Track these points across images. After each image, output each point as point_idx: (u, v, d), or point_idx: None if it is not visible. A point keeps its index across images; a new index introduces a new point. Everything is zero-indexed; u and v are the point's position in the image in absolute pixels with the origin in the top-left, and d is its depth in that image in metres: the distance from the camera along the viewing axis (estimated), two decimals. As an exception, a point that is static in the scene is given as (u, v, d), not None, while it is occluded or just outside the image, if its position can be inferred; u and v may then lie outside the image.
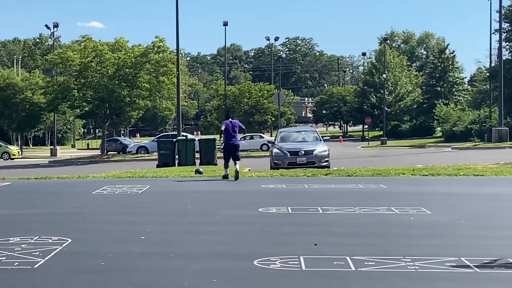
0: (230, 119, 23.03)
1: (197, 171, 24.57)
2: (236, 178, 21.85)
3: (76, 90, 56.85)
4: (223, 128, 22.76)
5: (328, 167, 27.94)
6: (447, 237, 10.90)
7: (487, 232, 11.33)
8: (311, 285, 7.87)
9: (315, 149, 28.64)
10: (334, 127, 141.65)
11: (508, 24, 59.37)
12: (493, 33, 63.64)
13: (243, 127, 23.74)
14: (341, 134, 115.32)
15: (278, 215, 13.76)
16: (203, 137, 46.86)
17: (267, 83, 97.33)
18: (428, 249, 9.78)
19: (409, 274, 8.26)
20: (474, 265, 8.61)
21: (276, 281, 8.11)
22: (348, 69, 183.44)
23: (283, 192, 18.25)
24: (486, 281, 7.95)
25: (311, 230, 11.72)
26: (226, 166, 22.68)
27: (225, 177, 22.43)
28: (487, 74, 72.12)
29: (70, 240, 10.84)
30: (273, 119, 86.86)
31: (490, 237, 10.81)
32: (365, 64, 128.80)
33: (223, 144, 23.19)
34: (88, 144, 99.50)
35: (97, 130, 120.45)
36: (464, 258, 8.99)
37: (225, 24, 75.27)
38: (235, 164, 22.39)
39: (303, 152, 28.49)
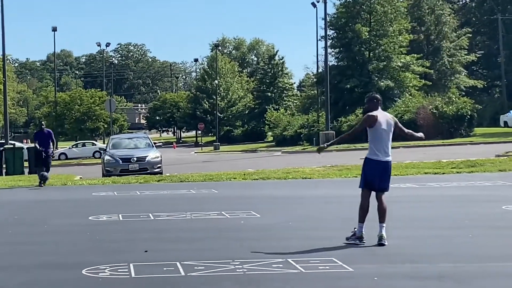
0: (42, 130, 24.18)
1: (42, 176, 23.39)
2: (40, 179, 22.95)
3: None
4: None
5: (161, 173, 27.89)
6: (275, 239, 11.15)
7: (313, 233, 11.68)
8: (141, 292, 7.83)
9: (147, 156, 28.51)
10: (168, 133, 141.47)
11: (333, 31, 61.59)
12: (319, 40, 65.91)
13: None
14: (175, 140, 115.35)
15: (108, 223, 13.58)
16: (32, 145, 45.44)
17: (99, 90, 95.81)
18: (257, 251, 9.96)
19: (237, 277, 8.38)
20: (300, 266, 8.85)
21: (105, 290, 8.00)
22: (181, 75, 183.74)
23: (115, 200, 18.03)
24: (311, 280, 8.20)
25: (142, 236, 11.66)
26: (39, 172, 23.40)
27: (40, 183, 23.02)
28: (314, 79, 74.49)
29: None
30: (105, 126, 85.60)
31: (316, 238, 11.14)
32: (198, 70, 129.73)
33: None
34: None
35: None
36: (291, 259, 9.22)
37: (54, 29, 73.53)
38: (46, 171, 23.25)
39: (135, 158, 28.28)
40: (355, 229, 10.49)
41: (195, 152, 68.93)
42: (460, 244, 10.36)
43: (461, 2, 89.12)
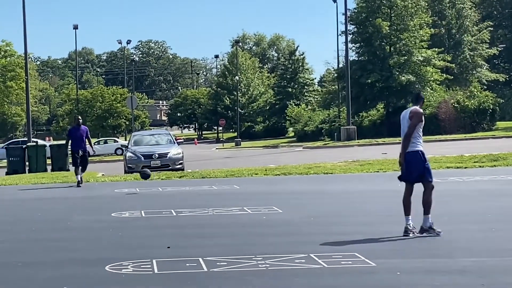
0: (79, 125, 22.51)
1: (144, 174, 21.42)
2: (78, 185, 21.61)
3: None
4: (69, 135, 22.75)
5: (183, 169, 27.98)
6: (297, 235, 11.18)
7: (335, 228, 11.68)
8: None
9: (169, 152, 28.61)
10: (189, 130, 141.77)
11: (353, 26, 61.35)
12: (340, 35, 65.74)
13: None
14: (196, 136, 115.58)
15: (131, 219, 13.66)
16: (55, 142, 45.73)
17: (120, 87, 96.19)
18: (279, 247, 9.99)
19: (260, 272, 8.41)
20: (322, 261, 8.86)
21: (128, 286, 8.06)
22: (201, 71, 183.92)
23: (137, 196, 18.13)
24: (334, 275, 8.21)
25: (164, 233, 11.72)
26: (76, 172, 22.03)
27: (79, 183, 21.76)
28: (335, 75, 74.22)
29: None
30: (127, 122, 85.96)
31: (338, 233, 11.14)
32: (218, 66, 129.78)
33: (71, 151, 22.84)
34: None
35: None
36: (313, 255, 9.24)
37: (75, 27, 73.76)
38: (81, 172, 22.21)
39: (157, 155, 28.40)
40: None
41: (217, 148, 69.05)
42: (482, 239, 10.32)
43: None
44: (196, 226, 12.49)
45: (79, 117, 23.25)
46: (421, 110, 10.95)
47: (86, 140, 22.26)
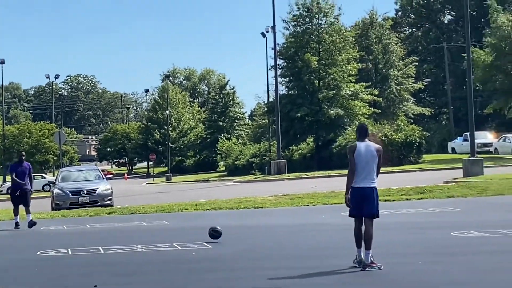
0: (22, 162, 20.32)
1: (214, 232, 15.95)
2: (16, 226, 19.56)
3: None
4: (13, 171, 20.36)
5: (112, 205, 27.65)
6: (227, 270, 11.12)
7: (264, 263, 11.67)
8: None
9: (97, 188, 28.25)
10: (119, 165, 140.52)
11: (283, 61, 61.97)
12: (270, 69, 66.21)
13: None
14: (127, 171, 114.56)
15: (57, 257, 13.40)
16: None
17: (48, 122, 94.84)
18: (208, 283, 9.93)
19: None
20: (251, 297, 8.84)
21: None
22: (131, 106, 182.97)
23: (64, 234, 17.82)
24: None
25: (91, 271, 11.53)
26: (15, 212, 20.05)
27: (17, 224, 19.72)
28: (265, 109, 74.68)
29: None
30: (55, 158, 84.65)
31: (268, 268, 11.13)
32: (149, 100, 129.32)
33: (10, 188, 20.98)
34: None
35: None
36: (242, 290, 9.21)
37: (2, 62, 72.67)
38: (26, 211, 19.91)
39: (85, 191, 28.02)
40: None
41: (147, 183, 68.50)
42: (410, 272, 10.45)
43: (407, 31, 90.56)
44: (124, 263, 12.32)
45: (23, 153, 21.34)
46: (350, 146, 11.08)
47: (28, 178, 20.22)
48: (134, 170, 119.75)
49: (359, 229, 10.82)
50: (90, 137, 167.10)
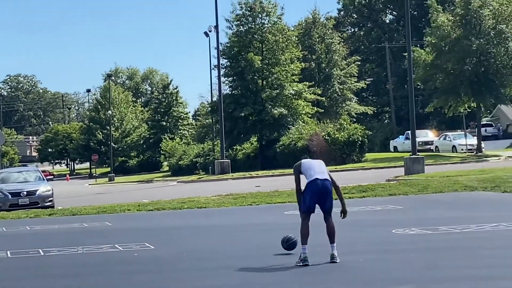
0: None
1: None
2: None
3: None
4: None
5: (53, 207, 27.26)
6: (169, 272, 11.05)
7: (207, 264, 11.63)
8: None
9: (38, 189, 27.83)
10: (61, 166, 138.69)
11: (226, 60, 61.91)
12: (213, 69, 66.08)
13: None
14: (68, 172, 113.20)
15: (-4, 260, 13.15)
16: None
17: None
18: (150, 284, 9.87)
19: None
20: (193, 297, 8.79)
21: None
22: (73, 106, 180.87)
23: (3, 236, 17.52)
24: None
25: (30, 274, 11.35)
26: None
27: None
28: (209, 108, 74.57)
29: None
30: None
31: (210, 268, 11.10)
32: (91, 100, 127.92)
33: None
34: None
35: None
36: (184, 291, 9.15)
37: None
38: None
39: (25, 192, 27.58)
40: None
41: (89, 184, 67.81)
42: (352, 269, 10.53)
43: (350, 31, 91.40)
44: (65, 265, 12.16)
45: None
46: (297, 164, 11.41)
47: None
48: (76, 171, 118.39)
49: (306, 226, 11.02)
50: (31, 137, 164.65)
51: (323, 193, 11.06)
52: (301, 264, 10.71)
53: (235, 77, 61.61)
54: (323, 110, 63.74)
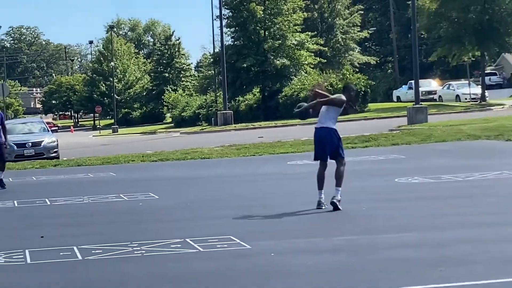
0: None
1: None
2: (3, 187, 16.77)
3: None
4: None
5: (58, 158, 27.46)
6: (173, 221, 11.19)
7: (212, 213, 11.77)
8: (36, 278, 7.72)
9: (43, 140, 28.02)
10: (65, 117, 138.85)
11: (228, 11, 61.52)
12: (215, 19, 65.66)
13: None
14: (72, 124, 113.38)
15: (3, 210, 13.31)
16: None
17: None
18: (155, 233, 9.98)
19: (135, 259, 8.38)
20: (198, 245, 8.90)
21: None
22: (76, 58, 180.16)
23: (10, 186, 17.60)
24: (210, 259, 8.26)
25: (37, 222, 11.50)
26: None
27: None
28: (211, 59, 74.34)
29: None
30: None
31: (214, 217, 11.24)
32: (93, 52, 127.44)
33: None
34: None
35: None
36: (188, 239, 9.26)
37: None
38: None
39: (30, 143, 27.75)
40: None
41: (93, 136, 67.98)
42: (354, 218, 10.65)
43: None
44: (71, 214, 12.30)
45: None
46: (345, 98, 11.88)
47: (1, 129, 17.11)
48: (80, 123, 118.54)
49: (320, 171, 11.43)
50: (34, 89, 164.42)
51: (321, 143, 11.47)
52: (316, 207, 11.13)
53: (237, 28, 61.25)
54: (325, 61, 63.53)
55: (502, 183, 13.56)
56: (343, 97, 11.77)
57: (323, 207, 11.16)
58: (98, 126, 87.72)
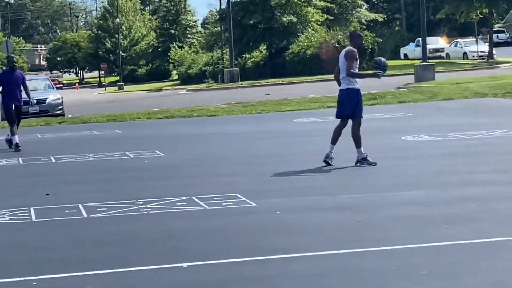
0: (14, 69, 16.80)
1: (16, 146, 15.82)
2: (17, 148, 15.80)
3: None
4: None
5: (63, 115, 27.42)
6: (179, 178, 11.16)
7: (218, 170, 11.73)
8: (41, 235, 7.70)
9: (47, 98, 27.94)
10: (70, 74, 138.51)
11: (235, -33, 61.10)
12: (222, -24, 65.14)
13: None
14: (78, 81, 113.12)
15: (8, 167, 13.29)
16: None
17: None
18: (161, 190, 9.94)
19: (141, 216, 8.36)
20: (204, 203, 8.87)
21: (4, 235, 7.82)
22: (81, 14, 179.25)
23: (15, 144, 17.59)
24: (215, 216, 8.23)
25: (43, 180, 11.46)
26: (13, 132, 16.10)
27: (17, 146, 15.82)
28: (217, 16, 73.83)
29: None
30: (4, 68, 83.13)
31: (220, 174, 11.20)
32: (98, 9, 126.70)
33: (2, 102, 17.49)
34: None
35: None
36: (195, 197, 9.23)
37: None
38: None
39: (35, 101, 27.49)
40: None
41: (99, 93, 67.87)
42: (359, 176, 10.61)
43: None
44: (76, 172, 12.28)
45: (15, 58, 17.81)
46: (355, 50, 11.69)
47: (22, 88, 16.67)
48: (85, 80, 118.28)
49: (339, 127, 11.58)
50: (39, 46, 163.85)
51: (339, 101, 11.79)
52: (323, 159, 11.24)
53: (244, -16, 60.70)
54: (332, 18, 62.94)
55: (509, 141, 13.47)
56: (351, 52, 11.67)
57: (330, 163, 11.15)
58: (103, 83, 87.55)
